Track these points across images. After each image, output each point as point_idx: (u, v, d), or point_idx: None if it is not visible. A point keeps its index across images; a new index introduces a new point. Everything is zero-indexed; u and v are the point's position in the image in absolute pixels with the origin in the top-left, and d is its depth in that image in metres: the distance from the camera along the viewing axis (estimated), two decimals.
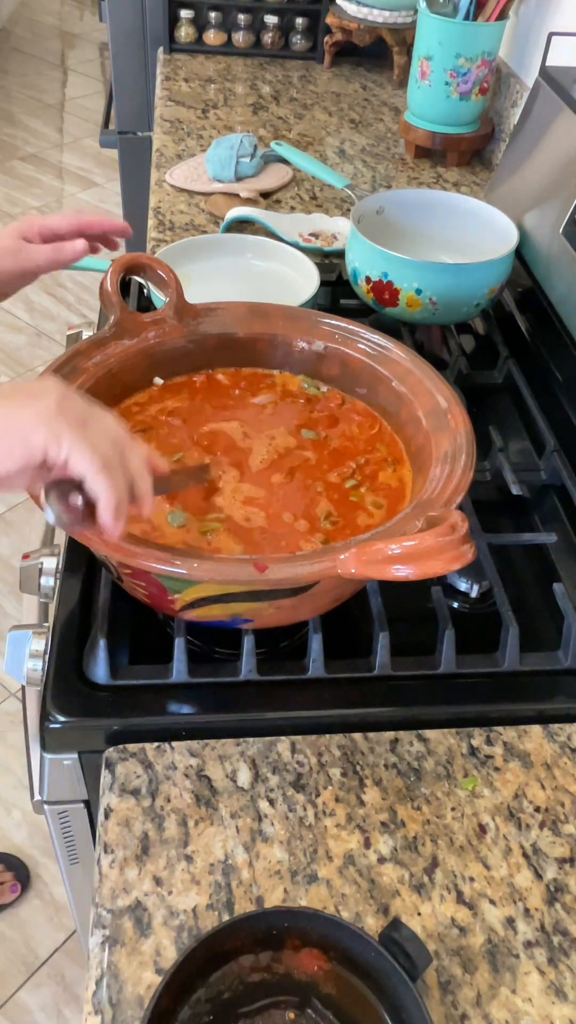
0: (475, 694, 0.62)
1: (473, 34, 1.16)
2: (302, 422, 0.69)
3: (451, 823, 0.55)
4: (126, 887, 0.50)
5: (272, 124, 1.40)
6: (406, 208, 0.97)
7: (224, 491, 0.63)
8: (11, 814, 1.44)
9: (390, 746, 0.59)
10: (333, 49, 1.60)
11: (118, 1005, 0.46)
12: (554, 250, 0.88)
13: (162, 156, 1.28)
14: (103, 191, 3.17)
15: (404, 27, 1.49)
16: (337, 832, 0.54)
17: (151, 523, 0.60)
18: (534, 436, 0.84)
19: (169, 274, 0.70)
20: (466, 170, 1.32)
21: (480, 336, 1.00)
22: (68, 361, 0.65)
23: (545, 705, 0.62)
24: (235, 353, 0.73)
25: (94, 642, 0.60)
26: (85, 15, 4.69)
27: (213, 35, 1.62)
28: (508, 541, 0.73)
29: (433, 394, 0.66)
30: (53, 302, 2.58)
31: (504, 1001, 0.47)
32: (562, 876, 0.53)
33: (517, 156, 1.01)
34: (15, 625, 0.67)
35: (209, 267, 0.95)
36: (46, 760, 0.61)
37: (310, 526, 0.61)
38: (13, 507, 1.96)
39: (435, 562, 0.48)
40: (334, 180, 1.14)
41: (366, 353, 0.71)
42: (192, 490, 0.61)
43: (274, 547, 0.59)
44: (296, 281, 0.93)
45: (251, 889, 0.51)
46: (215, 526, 0.60)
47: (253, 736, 0.59)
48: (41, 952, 1.29)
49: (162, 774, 0.56)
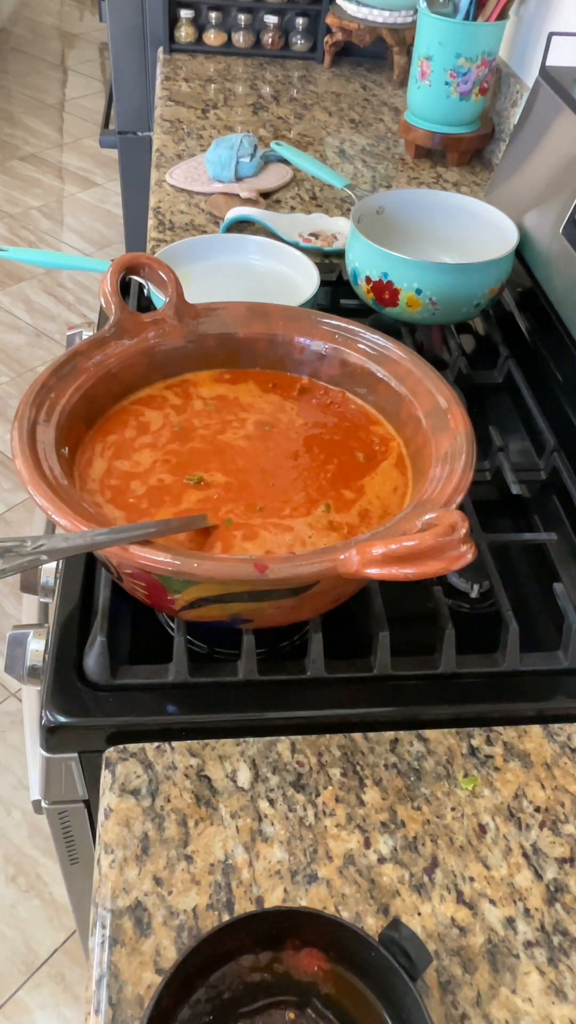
0: (475, 694, 0.62)
1: (473, 34, 1.16)
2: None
3: (451, 823, 0.55)
4: (126, 887, 0.51)
5: (272, 124, 1.40)
6: (406, 208, 0.97)
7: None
8: (11, 814, 1.44)
9: (390, 746, 0.59)
10: (333, 49, 1.60)
11: (118, 1005, 0.46)
12: (554, 250, 0.88)
13: (162, 156, 1.28)
14: (103, 191, 3.17)
15: (404, 27, 1.49)
16: (337, 832, 0.54)
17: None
18: (534, 436, 0.84)
19: (169, 274, 0.70)
20: (466, 170, 1.32)
21: (480, 336, 1.00)
22: (68, 361, 0.65)
23: (545, 705, 0.62)
24: (235, 353, 0.73)
25: (94, 642, 0.60)
26: (85, 15, 4.69)
27: (213, 35, 1.62)
28: (508, 541, 0.73)
29: (433, 394, 0.66)
30: (53, 302, 2.58)
31: (504, 1001, 0.47)
32: (562, 876, 0.53)
33: (517, 156, 1.01)
34: (15, 625, 0.67)
35: (209, 267, 0.95)
36: (46, 760, 0.61)
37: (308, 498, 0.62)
38: (13, 507, 1.96)
39: (435, 562, 0.48)
40: (334, 180, 1.14)
41: (366, 353, 0.71)
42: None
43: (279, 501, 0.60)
44: (296, 281, 0.93)
45: (251, 889, 0.51)
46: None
47: (253, 736, 0.59)
48: (41, 952, 1.29)
49: (162, 774, 0.56)
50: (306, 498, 0.63)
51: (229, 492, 0.63)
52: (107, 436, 0.66)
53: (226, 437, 0.67)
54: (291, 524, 0.61)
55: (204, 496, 0.62)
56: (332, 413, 0.71)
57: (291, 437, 0.68)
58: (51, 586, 0.72)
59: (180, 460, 0.65)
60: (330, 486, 0.64)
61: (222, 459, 0.65)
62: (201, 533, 0.59)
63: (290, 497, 0.63)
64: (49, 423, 0.61)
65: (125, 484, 0.62)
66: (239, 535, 0.59)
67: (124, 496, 0.61)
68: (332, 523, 0.61)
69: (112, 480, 0.62)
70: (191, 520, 0.58)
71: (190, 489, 0.63)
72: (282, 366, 0.74)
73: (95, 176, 3.25)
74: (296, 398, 0.72)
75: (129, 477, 0.63)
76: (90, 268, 0.90)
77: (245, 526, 0.60)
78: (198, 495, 0.62)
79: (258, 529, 0.60)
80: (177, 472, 0.64)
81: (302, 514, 0.61)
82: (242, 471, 0.65)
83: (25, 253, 0.93)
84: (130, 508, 0.61)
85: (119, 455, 0.65)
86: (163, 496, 0.62)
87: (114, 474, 0.63)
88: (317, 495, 0.63)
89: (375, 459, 0.67)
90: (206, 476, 0.64)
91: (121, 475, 0.63)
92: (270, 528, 0.60)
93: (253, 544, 0.59)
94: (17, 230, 2.91)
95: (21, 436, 0.58)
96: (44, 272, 2.69)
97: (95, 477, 0.63)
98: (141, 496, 0.62)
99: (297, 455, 0.67)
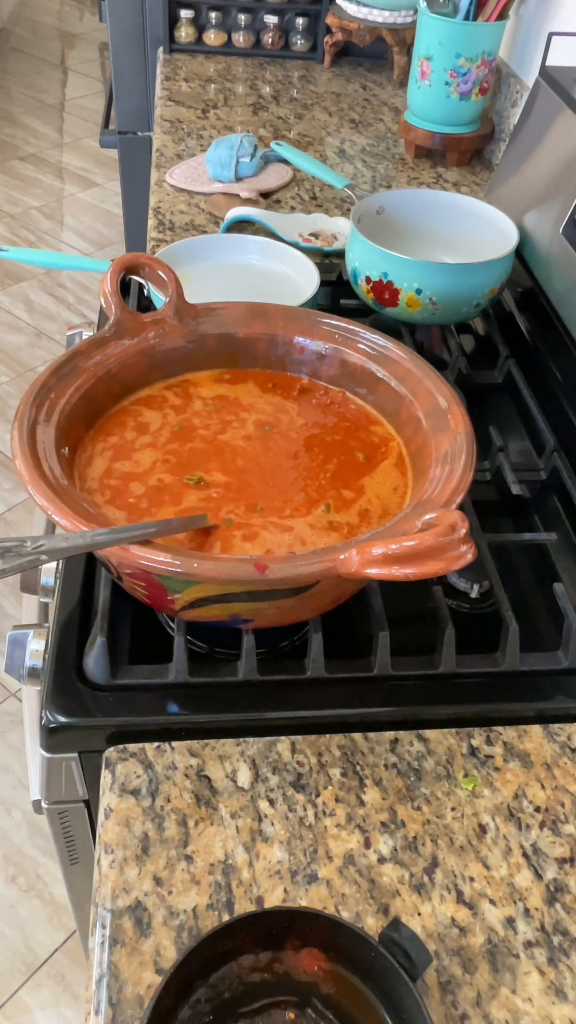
0: (475, 694, 0.62)
1: (473, 34, 1.16)
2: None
3: (451, 823, 0.55)
4: (126, 887, 0.50)
5: (272, 124, 1.40)
6: (406, 208, 0.97)
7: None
8: (11, 814, 1.44)
9: (390, 746, 0.59)
10: (333, 49, 1.60)
11: (118, 1005, 0.46)
12: (554, 250, 0.88)
13: (162, 156, 1.28)
14: (103, 191, 3.17)
15: (404, 27, 1.49)
16: (337, 832, 0.54)
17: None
18: (534, 436, 0.84)
19: (169, 274, 0.70)
20: (466, 170, 1.32)
21: (480, 336, 1.00)
22: (68, 361, 0.65)
23: (545, 705, 0.62)
24: (235, 353, 0.73)
25: (94, 642, 0.60)
26: (85, 15, 4.69)
27: (213, 35, 1.62)
28: (508, 541, 0.73)
29: (433, 394, 0.66)
30: (53, 302, 2.58)
31: (504, 1001, 0.47)
32: (562, 876, 0.53)
33: (517, 156, 1.01)
34: (15, 625, 0.67)
35: (209, 267, 0.95)
36: (46, 760, 0.61)
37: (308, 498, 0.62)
38: (13, 507, 1.96)
39: (435, 562, 0.48)
40: (334, 180, 1.14)
41: (366, 353, 0.71)
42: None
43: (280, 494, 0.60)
44: (296, 281, 0.93)
45: (251, 889, 0.51)
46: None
47: (253, 736, 0.59)
48: (41, 952, 1.29)
49: (162, 774, 0.56)
50: (306, 498, 0.63)
51: (229, 492, 0.63)
52: (107, 436, 0.66)
53: (226, 437, 0.67)
54: (291, 524, 0.61)
55: (204, 496, 0.62)
56: (332, 413, 0.71)
57: (291, 437, 0.68)
58: (51, 586, 0.72)
59: (180, 460, 0.65)
60: (330, 486, 0.64)
61: (222, 459, 0.65)
62: (201, 533, 0.59)
63: (290, 497, 0.63)
64: (49, 423, 0.61)
65: (125, 484, 0.62)
66: (239, 535, 0.59)
67: (124, 496, 0.61)
68: (332, 523, 0.61)
69: (112, 480, 0.62)
70: (191, 520, 0.59)
71: (190, 489, 0.63)
72: (282, 366, 0.74)
73: (95, 176, 3.25)
74: (296, 398, 0.72)
75: (129, 477, 0.63)
76: (90, 268, 0.90)
77: (245, 526, 0.60)
78: (198, 495, 0.62)
79: (258, 529, 0.60)
80: (177, 472, 0.64)
81: (302, 514, 0.61)
82: (242, 471, 0.65)
83: (25, 253, 0.93)
84: (130, 508, 0.61)
85: (119, 455, 0.65)
86: (163, 496, 0.62)
87: (114, 474, 0.63)
88: (317, 495, 0.63)
89: (375, 459, 0.67)
90: (206, 476, 0.64)
91: (121, 475, 0.63)
92: (270, 528, 0.60)
93: (253, 544, 0.59)
94: (17, 230, 2.91)
95: (21, 436, 0.58)
96: (44, 272, 2.69)
97: (95, 477, 0.63)
98: (141, 496, 0.62)
99: (297, 455, 0.67)
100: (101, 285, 0.67)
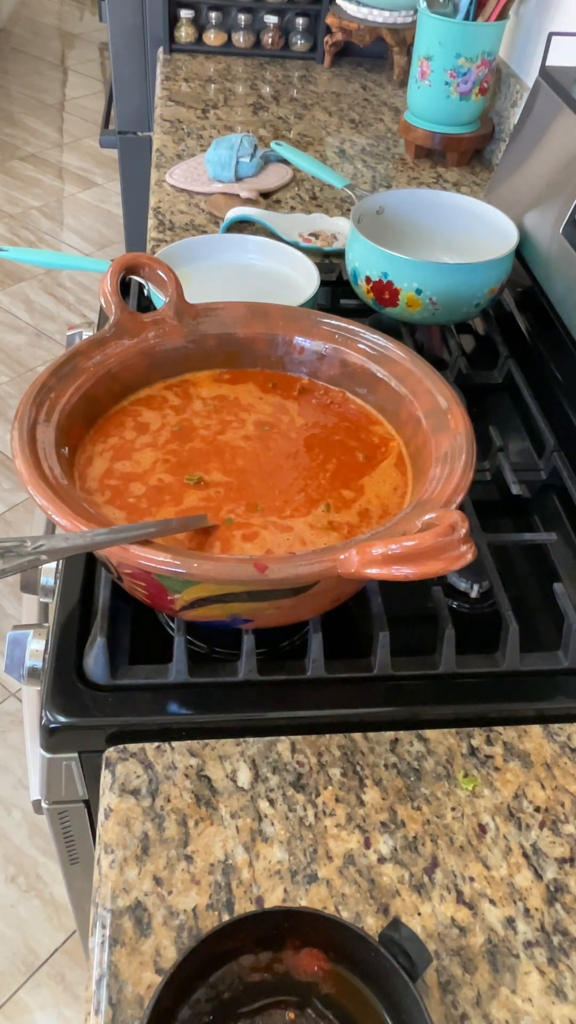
0: (475, 694, 0.62)
1: (473, 34, 1.16)
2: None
3: (451, 823, 0.55)
4: (126, 887, 0.50)
5: (272, 124, 1.40)
6: (406, 208, 0.97)
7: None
8: (11, 814, 1.44)
9: (390, 746, 0.59)
10: (333, 49, 1.60)
11: (118, 1005, 0.46)
12: (554, 250, 0.88)
13: (162, 156, 1.28)
14: (103, 191, 3.17)
15: (404, 27, 1.49)
16: (337, 832, 0.54)
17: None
18: (534, 436, 0.84)
19: (169, 274, 0.70)
20: (466, 170, 1.32)
21: (480, 336, 1.00)
22: (68, 361, 0.65)
23: (545, 705, 0.62)
24: (235, 353, 0.73)
25: (94, 642, 0.60)
26: (85, 15, 4.69)
27: (213, 35, 1.62)
28: (508, 541, 0.73)
29: (433, 394, 0.66)
30: (53, 302, 2.58)
31: (504, 1001, 0.47)
32: (562, 876, 0.53)
33: (517, 156, 1.01)
34: (15, 625, 0.67)
35: (209, 267, 0.95)
36: (46, 760, 0.61)
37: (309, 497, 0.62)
38: (13, 507, 1.96)
39: (435, 562, 0.48)
40: (334, 180, 1.14)
41: (366, 353, 0.71)
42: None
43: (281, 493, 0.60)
44: (296, 281, 0.93)
45: (251, 889, 0.51)
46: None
47: (253, 736, 0.59)
48: (41, 952, 1.29)
49: (162, 774, 0.56)
50: (306, 498, 0.63)
51: (229, 492, 0.63)
52: (107, 436, 0.66)
53: (226, 437, 0.67)
54: (291, 524, 0.61)
55: (204, 496, 0.62)
56: (332, 413, 0.71)
57: (291, 437, 0.68)
58: (51, 586, 0.72)
59: (180, 460, 0.65)
60: (330, 486, 0.64)
61: (222, 459, 0.65)
62: (201, 533, 0.59)
63: (290, 497, 0.63)
64: (49, 423, 0.61)
65: (125, 484, 0.62)
66: (239, 535, 0.59)
67: (124, 496, 0.61)
68: (332, 523, 0.61)
69: (112, 480, 0.62)
70: (191, 520, 0.59)
71: (190, 489, 0.63)
72: (282, 366, 0.74)
73: (95, 176, 3.25)
74: (296, 398, 0.72)
75: (129, 477, 0.63)
76: (90, 268, 0.90)
77: (245, 526, 0.60)
78: (198, 495, 0.62)
79: (258, 529, 0.60)
80: (177, 472, 0.64)
81: (302, 514, 0.61)
82: (242, 471, 0.65)
83: (25, 253, 0.93)
84: (130, 508, 0.61)
85: (119, 455, 0.65)
86: (163, 496, 0.62)
87: (114, 474, 0.63)
88: (317, 495, 0.63)
89: (375, 459, 0.67)
90: (206, 476, 0.64)
91: (121, 475, 0.63)
92: (270, 528, 0.60)
93: (253, 544, 0.59)
94: (17, 230, 2.91)
95: (21, 436, 0.58)
96: (44, 272, 2.69)
97: (95, 477, 0.63)
98: (141, 496, 0.62)
99: (297, 455, 0.67)
100: (101, 285, 0.67)
